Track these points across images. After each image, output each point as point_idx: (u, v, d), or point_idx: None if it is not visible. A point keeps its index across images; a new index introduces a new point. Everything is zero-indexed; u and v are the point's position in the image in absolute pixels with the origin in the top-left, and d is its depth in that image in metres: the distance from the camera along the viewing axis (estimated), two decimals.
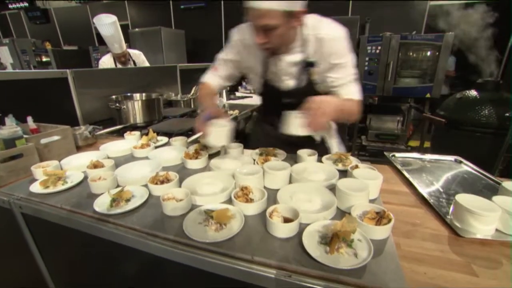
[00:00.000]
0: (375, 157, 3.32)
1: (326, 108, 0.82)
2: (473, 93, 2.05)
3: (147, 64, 2.76)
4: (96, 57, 4.90)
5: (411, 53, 3.02)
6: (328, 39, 0.94)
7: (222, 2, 4.36)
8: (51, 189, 0.84)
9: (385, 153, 1.13)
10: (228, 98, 3.15)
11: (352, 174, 0.81)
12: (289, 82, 1.06)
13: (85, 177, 0.91)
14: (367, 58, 3.11)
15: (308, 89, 1.03)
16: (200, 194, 0.76)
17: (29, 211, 0.79)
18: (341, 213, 0.70)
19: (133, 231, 0.64)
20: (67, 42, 5.64)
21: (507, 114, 1.80)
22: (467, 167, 1.03)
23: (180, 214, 0.68)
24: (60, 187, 0.85)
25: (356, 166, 0.89)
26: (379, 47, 3.01)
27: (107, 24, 2.29)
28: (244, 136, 2.48)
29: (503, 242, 0.60)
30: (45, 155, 1.08)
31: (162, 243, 0.60)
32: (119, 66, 2.56)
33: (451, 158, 1.09)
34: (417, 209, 0.75)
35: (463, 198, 0.67)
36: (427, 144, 2.66)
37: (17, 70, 1.28)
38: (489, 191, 0.85)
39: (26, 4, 5.43)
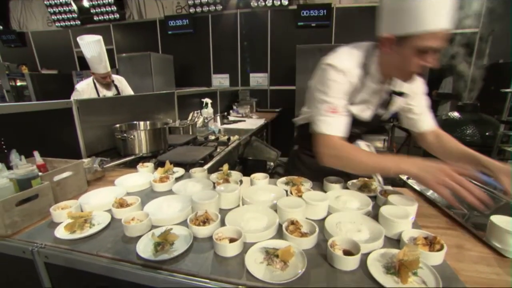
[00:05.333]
0: (369, 177, 3.44)
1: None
2: (456, 114, 2.26)
3: (129, 89, 2.70)
4: (80, 81, 4.73)
5: None
6: None
7: (210, 28, 4.51)
8: (78, 234, 0.77)
9: (400, 175, 1.18)
10: (222, 123, 3.17)
11: (389, 201, 0.85)
12: (370, 112, 1.04)
13: (112, 218, 0.86)
14: None
15: (379, 118, 1.07)
16: (247, 230, 0.75)
17: (57, 261, 0.72)
18: (388, 240, 0.72)
19: (191, 277, 0.60)
20: (44, 66, 5.41)
21: (488, 133, 2.00)
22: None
23: (235, 254, 0.66)
24: (88, 230, 0.79)
25: (385, 192, 0.93)
26: None
27: (92, 42, 2.25)
28: (242, 162, 2.48)
29: None
30: (57, 193, 1.00)
31: (225, 287, 0.57)
32: (101, 89, 2.47)
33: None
34: (453, 231, 0.79)
35: (499, 220, 0.72)
36: None
37: (20, 103, 1.19)
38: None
39: (0, 27, 5.21)
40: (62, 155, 1.18)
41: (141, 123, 1.77)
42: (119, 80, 2.65)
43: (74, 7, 4.81)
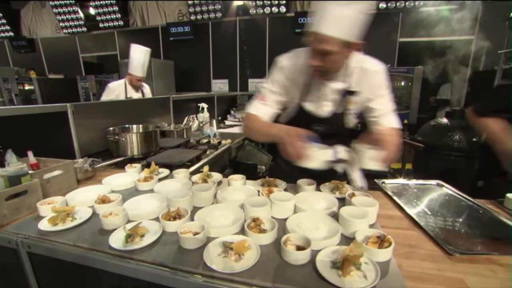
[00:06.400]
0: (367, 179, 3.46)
1: (398, 143, 0.93)
2: (445, 120, 2.29)
3: (150, 95, 3.03)
4: (84, 86, 4.91)
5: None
6: (372, 70, 1.07)
7: (210, 35, 4.63)
8: (60, 226, 0.84)
9: (375, 180, 1.23)
10: (218, 127, 3.25)
11: (351, 202, 0.89)
12: (327, 109, 1.13)
13: (94, 213, 0.92)
14: None
15: (341, 118, 1.13)
16: (213, 226, 0.80)
17: (39, 251, 0.78)
18: (345, 239, 0.77)
19: (155, 266, 0.66)
20: (52, 71, 5.61)
21: (474, 139, 2.02)
22: (448, 190, 1.15)
23: (197, 247, 0.71)
24: (69, 223, 0.85)
25: (353, 194, 0.97)
26: None
27: (142, 50, 2.69)
28: (235, 165, 2.54)
29: (488, 258, 0.68)
30: (47, 190, 1.07)
31: (185, 276, 0.63)
32: (130, 90, 2.77)
33: (433, 182, 1.21)
34: (411, 231, 0.83)
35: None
36: (408, 166, 2.85)
37: (18, 106, 1.28)
38: (470, 211, 0.96)
39: (11, 34, 5.44)
40: (57, 155, 1.26)
41: (134, 126, 1.85)
42: (145, 87, 2.98)
43: (81, 14, 5.01)
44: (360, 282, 0.59)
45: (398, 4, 3.68)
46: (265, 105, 1.13)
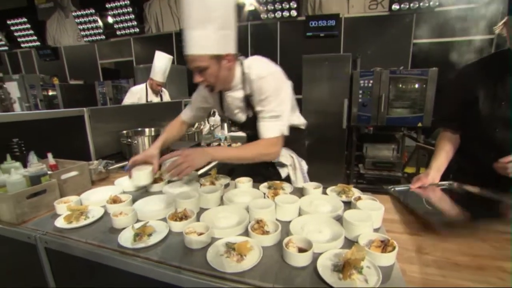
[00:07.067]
0: (373, 184, 3.39)
1: (193, 159, 1.04)
2: None
3: (169, 99, 3.21)
4: (102, 91, 5.13)
5: (401, 86, 3.25)
6: (257, 76, 1.10)
7: None
8: (74, 224, 0.89)
9: (384, 186, 1.19)
10: (229, 131, 3.28)
11: (356, 205, 0.89)
12: (240, 115, 1.25)
13: (105, 212, 0.97)
14: (360, 91, 3.34)
15: (255, 122, 1.17)
16: (218, 227, 0.82)
17: (55, 246, 0.83)
18: (349, 242, 0.76)
19: (160, 264, 0.68)
20: (73, 77, 5.90)
21: None
22: (462, 189, 1.10)
23: (201, 247, 0.73)
24: (83, 222, 0.90)
25: (359, 198, 0.96)
26: (371, 81, 3.25)
27: (165, 57, 2.89)
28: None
29: (499, 267, 0.66)
30: (64, 190, 1.13)
31: (188, 274, 0.65)
32: (150, 94, 2.94)
33: (446, 183, 1.16)
34: (417, 236, 0.81)
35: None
36: (422, 170, 2.75)
37: (41, 111, 1.38)
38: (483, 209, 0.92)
39: (38, 43, 5.78)
40: (74, 157, 1.34)
41: (146, 129, 1.92)
42: (164, 92, 3.19)
43: (100, 23, 5.25)
44: (361, 286, 0.58)
45: (411, 5, 3.60)
46: (189, 109, 1.42)
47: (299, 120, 1.36)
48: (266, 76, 1.09)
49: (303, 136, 1.45)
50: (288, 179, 1.31)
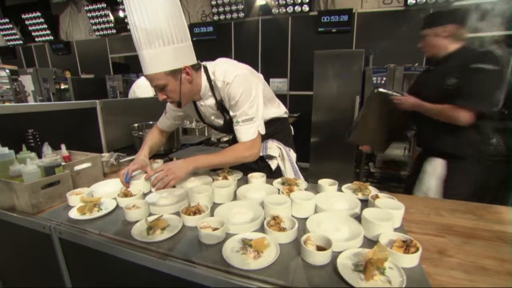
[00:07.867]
0: (383, 183, 3.33)
1: (175, 171, 1.04)
2: None
3: None
4: (112, 85, 5.19)
5: None
6: (222, 84, 1.08)
7: (232, 35, 4.68)
8: (87, 216, 0.89)
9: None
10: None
11: (374, 204, 0.85)
12: (218, 121, 1.26)
13: (117, 205, 0.96)
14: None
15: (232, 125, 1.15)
16: (232, 223, 0.80)
17: (69, 237, 0.83)
18: (368, 242, 0.73)
19: (174, 259, 0.67)
20: (84, 71, 5.98)
21: None
22: None
23: (216, 242, 0.72)
24: (96, 213, 0.90)
25: (377, 196, 0.93)
26: (384, 78, 3.17)
27: None
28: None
29: None
30: (76, 181, 1.14)
31: (203, 270, 0.63)
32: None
33: None
34: (440, 238, 0.78)
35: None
36: None
37: (54, 102, 1.39)
38: None
39: (51, 37, 5.87)
40: (86, 149, 1.34)
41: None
42: None
43: (111, 17, 5.27)
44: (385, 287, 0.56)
45: None
46: (164, 118, 1.40)
47: (280, 111, 1.33)
48: (231, 81, 1.06)
49: (287, 125, 1.42)
50: (279, 170, 1.30)
